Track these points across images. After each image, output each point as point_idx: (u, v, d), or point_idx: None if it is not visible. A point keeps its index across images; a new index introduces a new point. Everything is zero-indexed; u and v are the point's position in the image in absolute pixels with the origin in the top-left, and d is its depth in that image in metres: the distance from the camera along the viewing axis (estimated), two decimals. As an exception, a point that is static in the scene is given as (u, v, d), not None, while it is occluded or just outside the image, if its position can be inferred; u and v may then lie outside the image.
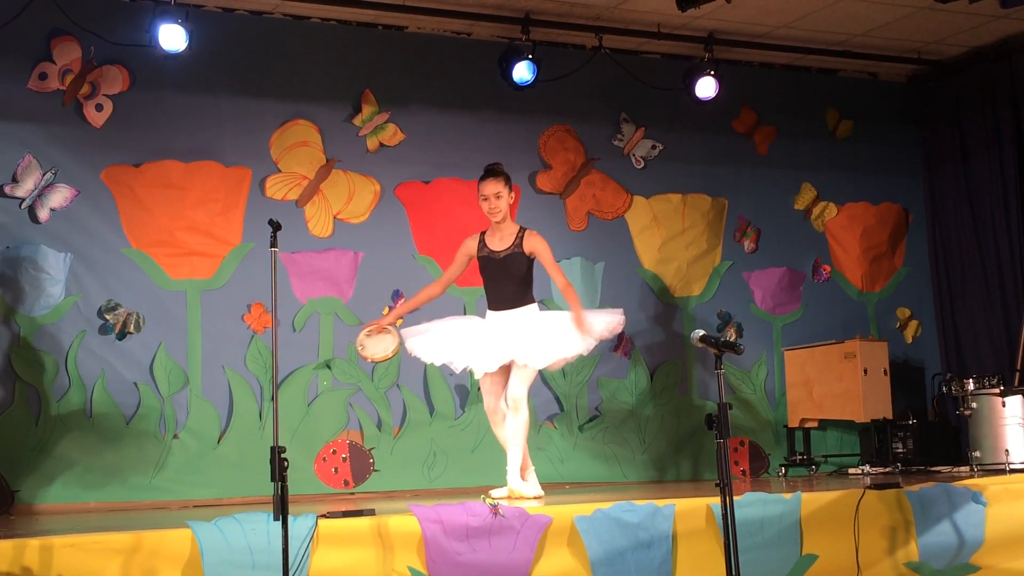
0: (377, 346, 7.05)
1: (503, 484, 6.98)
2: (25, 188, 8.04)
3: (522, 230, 7.17)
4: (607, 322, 7.20)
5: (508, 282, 7.11)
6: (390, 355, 7.13)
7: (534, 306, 7.16)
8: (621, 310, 7.41)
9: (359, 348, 7.07)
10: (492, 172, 7.15)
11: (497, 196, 7.08)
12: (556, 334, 7.04)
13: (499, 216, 7.10)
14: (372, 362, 7.46)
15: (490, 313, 7.17)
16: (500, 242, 7.15)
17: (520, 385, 7.00)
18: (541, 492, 7.07)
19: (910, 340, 10.64)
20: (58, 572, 4.87)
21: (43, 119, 8.12)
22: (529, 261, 7.14)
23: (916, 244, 10.78)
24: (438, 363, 7.20)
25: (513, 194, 7.24)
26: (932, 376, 10.34)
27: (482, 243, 7.21)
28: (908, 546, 6.44)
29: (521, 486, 6.91)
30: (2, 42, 7.85)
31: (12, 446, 7.74)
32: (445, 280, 7.50)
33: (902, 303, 10.68)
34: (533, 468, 7.17)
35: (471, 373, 7.30)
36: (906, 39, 9.89)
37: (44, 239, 8.04)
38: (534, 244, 7.13)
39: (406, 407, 8.79)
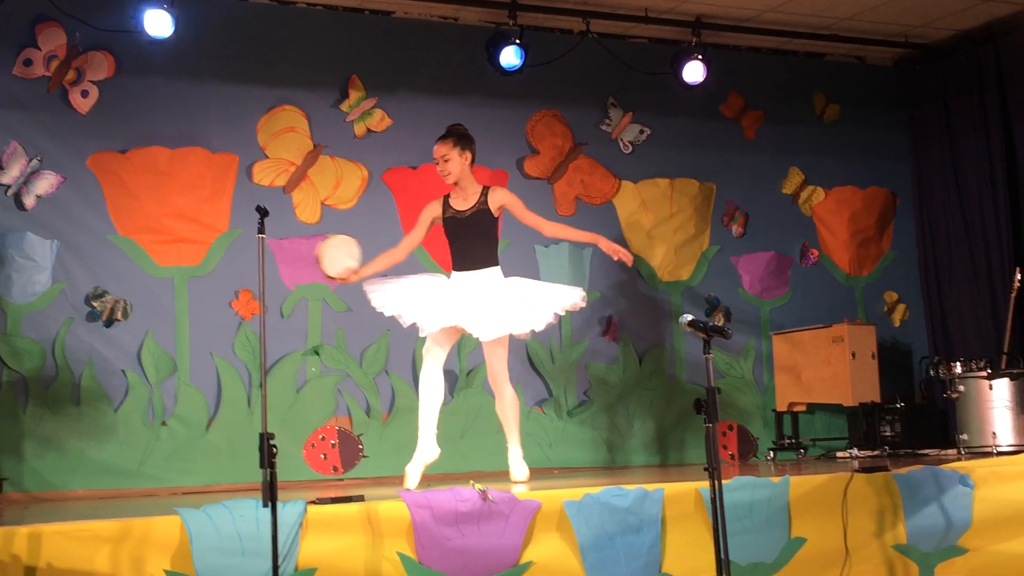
0: (335, 263, 6.83)
1: (495, 469, 6.98)
2: (11, 175, 8.01)
3: (486, 188, 7.07)
4: (569, 296, 7.09)
5: (473, 240, 6.98)
6: (340, 276, 6.87)
7: (498, 269, 7.03)
8: (580, 288, 7.27)
9: (319, 256, 6.85)
10: (443, 135, 7.05)
11: (444, 159, 6.95)
12: (514, 306, 6.91)
13: (450, 179, 6.98)
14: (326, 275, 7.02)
15: (454, 274, 7.06)
16: (464, 202, 7.04)
17: (497, 364, 6.97)
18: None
19: (898, 323, 10.67)
20: (47, 560, 4.86)
21: (28, 106, 8.08)
22: (494, 220, 7.03)
23: (903, 228, 10.80)
24: (388, 314, 6.96)
25: (468, 155, 7.02)
26: (920, 359, 10.37)
27: (446, 205, 7.08)
28: (896, 529, 6.46)
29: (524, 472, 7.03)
30: (-14, 28, 7.81)
31: (0, 434, 7.72)
32: (407, 244, 7.26)
33: (890, 287, 10.70)
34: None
35: (423, 340, 7.03)
36: (893, 23, 9.88)
37: (30, 226, 8.01)
38: (501, 198, 7.04)
39: (395, 393, 8.79)
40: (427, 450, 6.92)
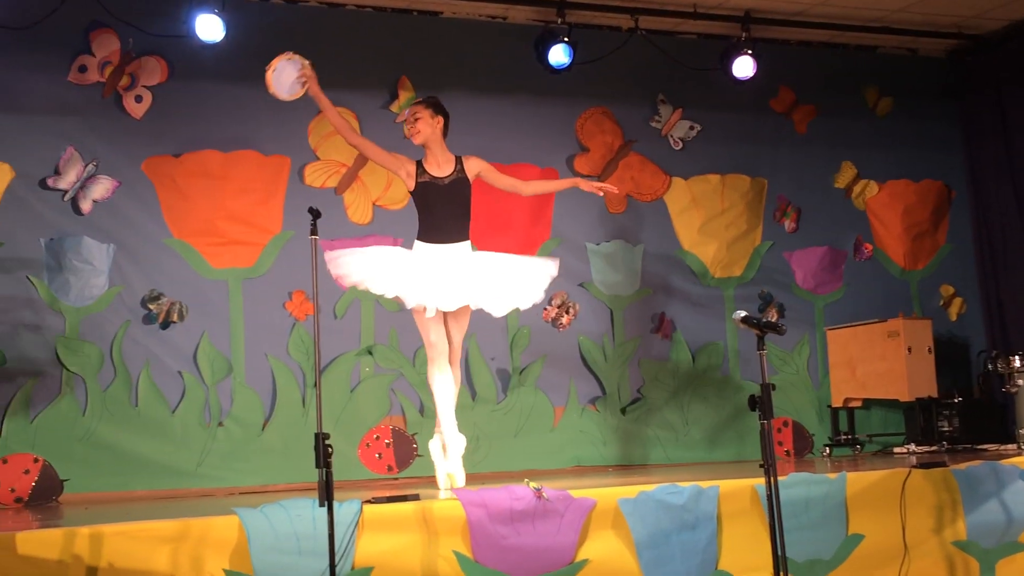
0: (282, 82, 6.68)
1: (549, 467, 6.88)
2: (67, 180, 8.11)
3: (460, 157, 6.87)
4: (547, 267, 6.94)
5: (452, 210, 6.73)
6: (296, 95, 6.73)
7: (469, 243, 6.79)
8: (556, 260, 7.08)
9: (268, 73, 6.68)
10: (420, 100, 6.90)
11: (415, 117, 6.75)
12: (513, 280, 6.77)
13: (419, 138, 6.74)
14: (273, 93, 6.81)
15: (424, 245, 6.71)
16: (439, 168, 6.77)
17: (460, 338, 6.79)
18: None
19: (954, 317, 10.56)
20: (108, 560, 4.92)
21: (84, 111, 8.18)
22: (470, 189, 6.84)
23: (959, 220, 10.69)
24: (390, 295, 6.69)
25: (440, 120, 6.83)
26: (977, 353, 10.26)
27: (421, 169, 6.77)
28: (955, 525, 6.40)
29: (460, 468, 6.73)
30: (42, 36, 7.90)
31: (60, 436, 7.83)
32: (366, 141, 6.95)
33: (946, 280, 10.59)
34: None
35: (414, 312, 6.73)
36: (945, 13, 9.78)
37: (87, 231, 8.11)
38: (476, 165, 6.85)
39: (448, 392, 8.80)
40: (458, 442, 6.74)
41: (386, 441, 8.56)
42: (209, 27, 8.11)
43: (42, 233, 8.02)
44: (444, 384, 6.74)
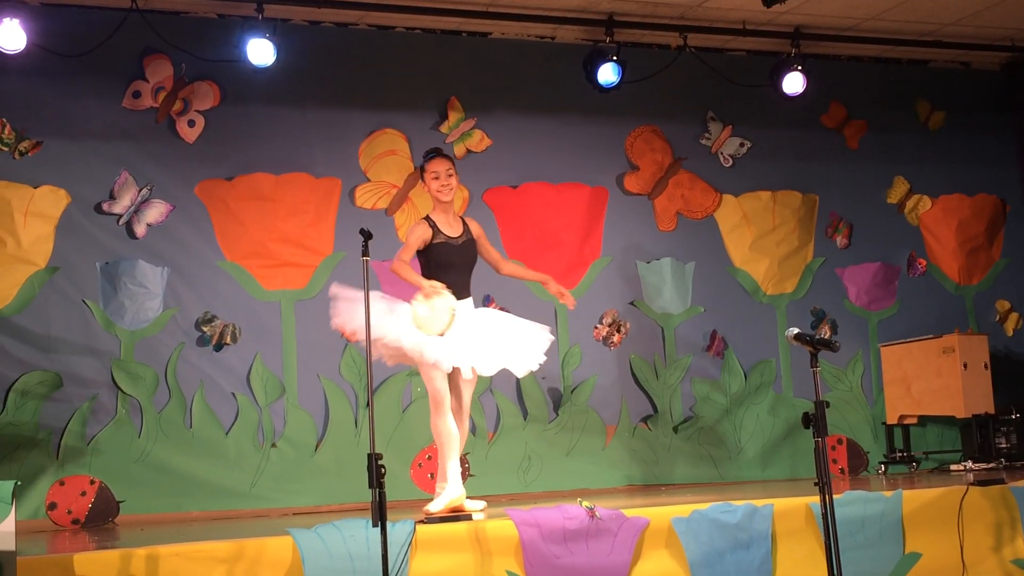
0: (433, 322, 6.26)
1: (601, 487, 6.82)
2: (122, 205, 8.21)
3: (463, 218, 6.74)
4: (543, 334, 6.68)
5: (465, 270, 6.60)
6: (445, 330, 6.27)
7: (472, 300, 6.65)
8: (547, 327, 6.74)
9: (414, 320, 6.27)
10: (439, 151, 6.71)
11: (448, 173, 6.57)
12: (523, 339, 6.62)
13: (450, 195, 6.57)
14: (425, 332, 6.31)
15: None
16: (451, 228, 6.57)
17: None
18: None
19: (1011, 333, 10.43)
20: (164, 580, 4.97)
21: (138, 136, 8.28)
22: (476, 251, 6.70)
23: (1014, 235, 10.57)
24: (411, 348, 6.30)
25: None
26: (1035, 369, 10.15)
27: (435, 229, 6.51)
28: (1015, 543, 6.33)
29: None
30: (97, 63, 8.01)
31: (116, 458, 7.91)
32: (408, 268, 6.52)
33: (1001, 295, 10.48)
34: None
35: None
36: (998, 26, 9.70)
37: (141, 254, 8.20)
38: (477, 228, 6.71)
39: (500, 412, 8.82)
40: (455, 493, 6.35)
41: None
42: (260, 51, 8.18)
43: (98, 257, 8.12)
44: (450, 433, 6.45)
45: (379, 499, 4.83)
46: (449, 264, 6.52)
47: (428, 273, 6.48)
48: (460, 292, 6.51)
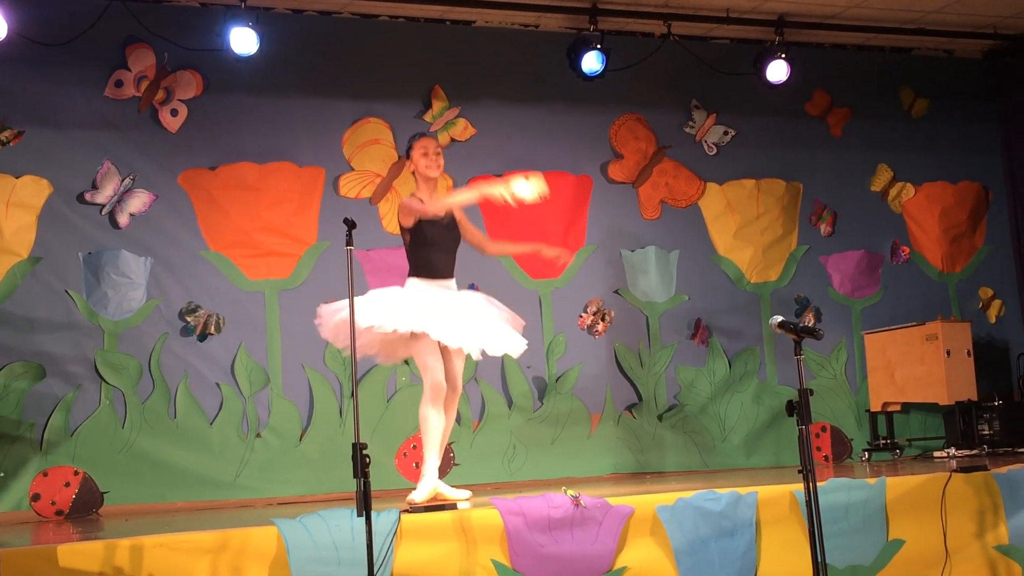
0: (534, 183, 6.42)
1: (586, 475, 6.87)
2: (105, 194, 8.18)
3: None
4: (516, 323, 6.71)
5: (451, 250, 6.60)
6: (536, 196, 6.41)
7: (455, 280, 6.65)
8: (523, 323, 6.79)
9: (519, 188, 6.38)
10: (423, 133, 6.73)
11: (437, 151, 6.60)
12: (503, 320, 6.63)
13: (438, 172, 6.59)
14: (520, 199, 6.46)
15: (434, 283, 6.50)
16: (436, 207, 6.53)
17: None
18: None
19: (994, 320, 10.47)
20: (148, 571, 4.95)
21: (120, 126, 8.25)
22: (459, 232, 6.71)
23: (997, 222, 10.61)
24: (414, 329, 6.29)
25: None
26: (1018, 356, 10.18)
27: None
28: (997, 529, 6.35)
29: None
30: (79, 52, 7.97)
31: (100, 448, 7.89)
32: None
33: (984, 283, 10.51)
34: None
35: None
36: (981, 14, 9.71)
37: (124, 244, 8.17)
38: (458, 211, 6.70)
39: (484, 401, 8.82)
40: (431, 484, 6.35)
41: (423, 450, 8.55)
42: (243, 40, 8.16)
43: (80, 247, 8.09)
44: (438, 425, 6.40)
45: (364, 489, 4.82)
46: (437, 242, 6.55)
47: (416, 251, 6.50)
48: (446, 272, 6.56)
